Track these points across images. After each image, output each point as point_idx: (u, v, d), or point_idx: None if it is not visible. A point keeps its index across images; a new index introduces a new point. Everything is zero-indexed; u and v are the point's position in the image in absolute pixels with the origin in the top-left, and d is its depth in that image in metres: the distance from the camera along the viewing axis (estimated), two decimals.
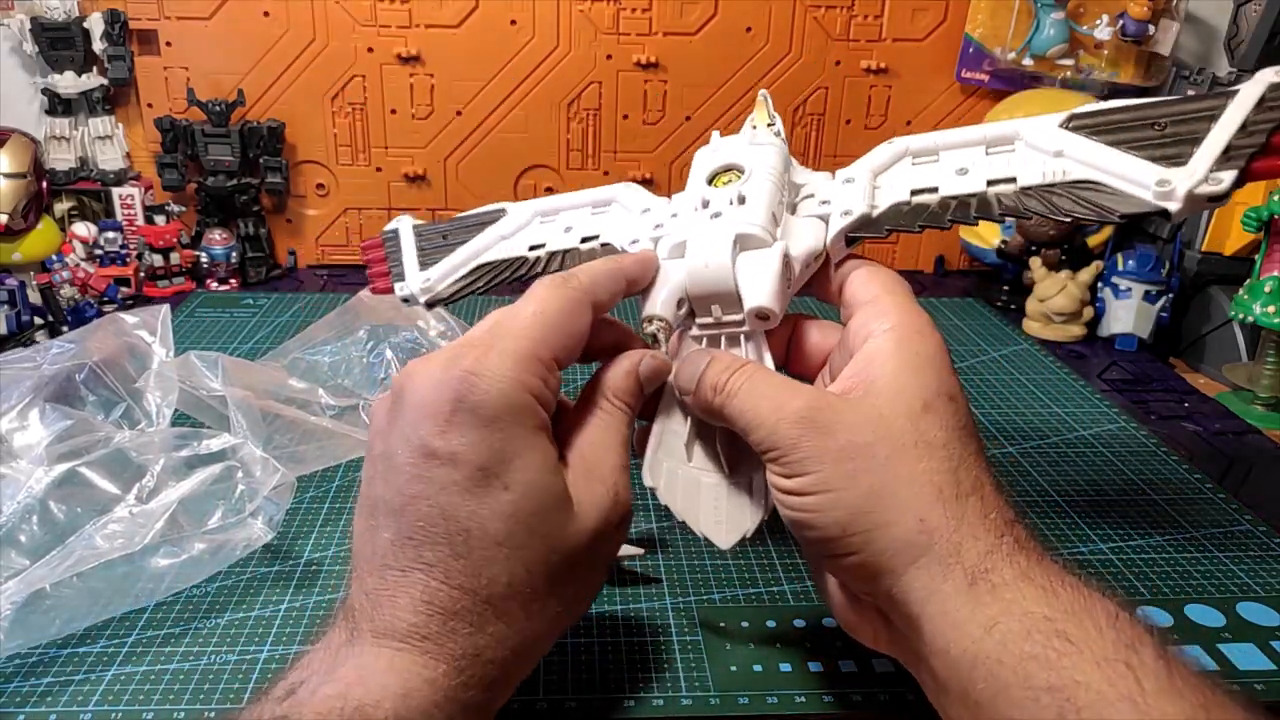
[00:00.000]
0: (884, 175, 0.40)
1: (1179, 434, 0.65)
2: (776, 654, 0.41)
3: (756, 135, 0.43)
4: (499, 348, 0.32)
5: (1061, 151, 0.37)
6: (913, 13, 0.91)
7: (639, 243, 0.42)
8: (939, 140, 0.40)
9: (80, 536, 0.43)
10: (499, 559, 0.31)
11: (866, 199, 0.39)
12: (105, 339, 0.57)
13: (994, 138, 0.39)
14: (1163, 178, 0.34)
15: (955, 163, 0.39)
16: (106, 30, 0.88)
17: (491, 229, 0.47)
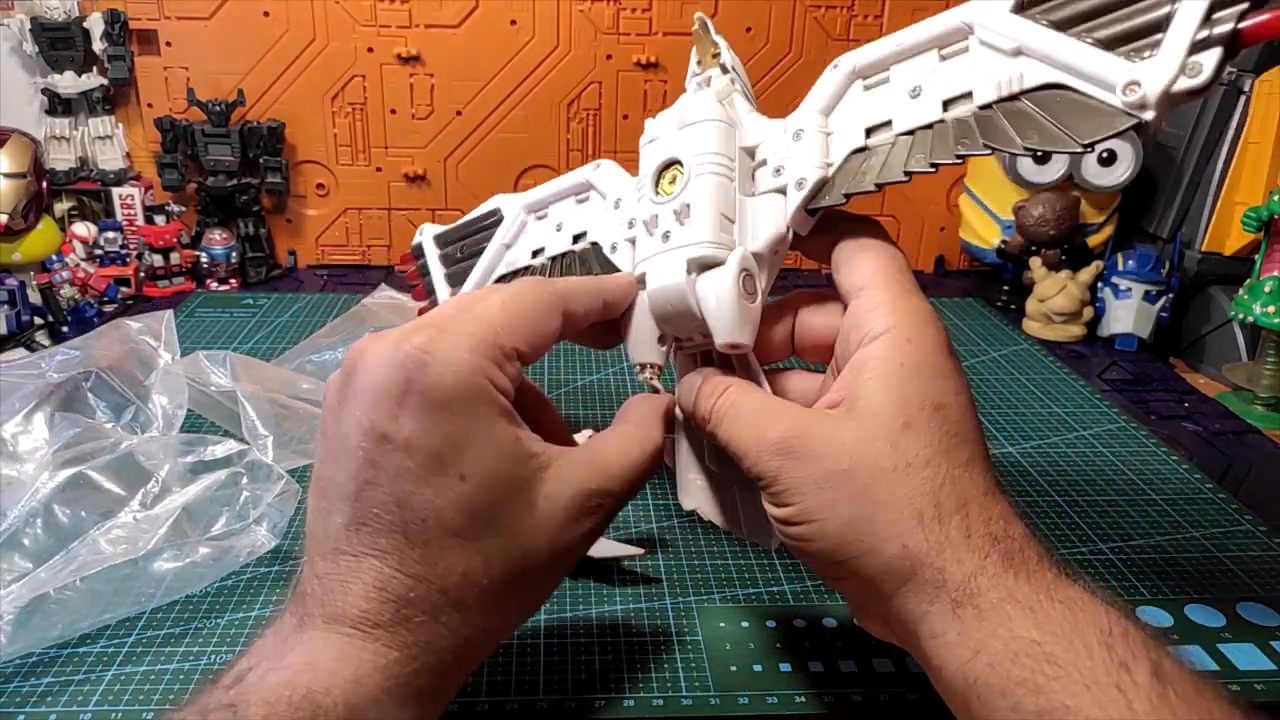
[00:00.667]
0: (834, 114, 0.36)
1: (1179, 434, 0.65)
2: (776, 654, 0.41)
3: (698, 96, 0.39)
4: (456, 330, 0.31)
5: (1019, 48, 0.32)
6: (913, 12, 0.91)
7: (616, 249, 0.41)
8: (887, 50, 0.35)
9: (84, 541, 0.43)
10: (455, 549, 0.30)
11: (819, 158, 0.35)
12: (110, 345, 0.58)
13: (944, 33, 0.34)
14: (1131, 79, 0.29)
15: (908, 80, 0.34)
16: (106, 30, 0.88)
17: (495, 238, 0.47)
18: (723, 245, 0.35)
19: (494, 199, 0.48)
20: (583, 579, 0.46)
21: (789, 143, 0.36)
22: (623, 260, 0.40)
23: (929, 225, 0.99)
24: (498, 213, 0.47)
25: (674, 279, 0.35)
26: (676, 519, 0.51)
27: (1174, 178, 0.85)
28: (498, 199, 0.48)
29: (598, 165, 0.43)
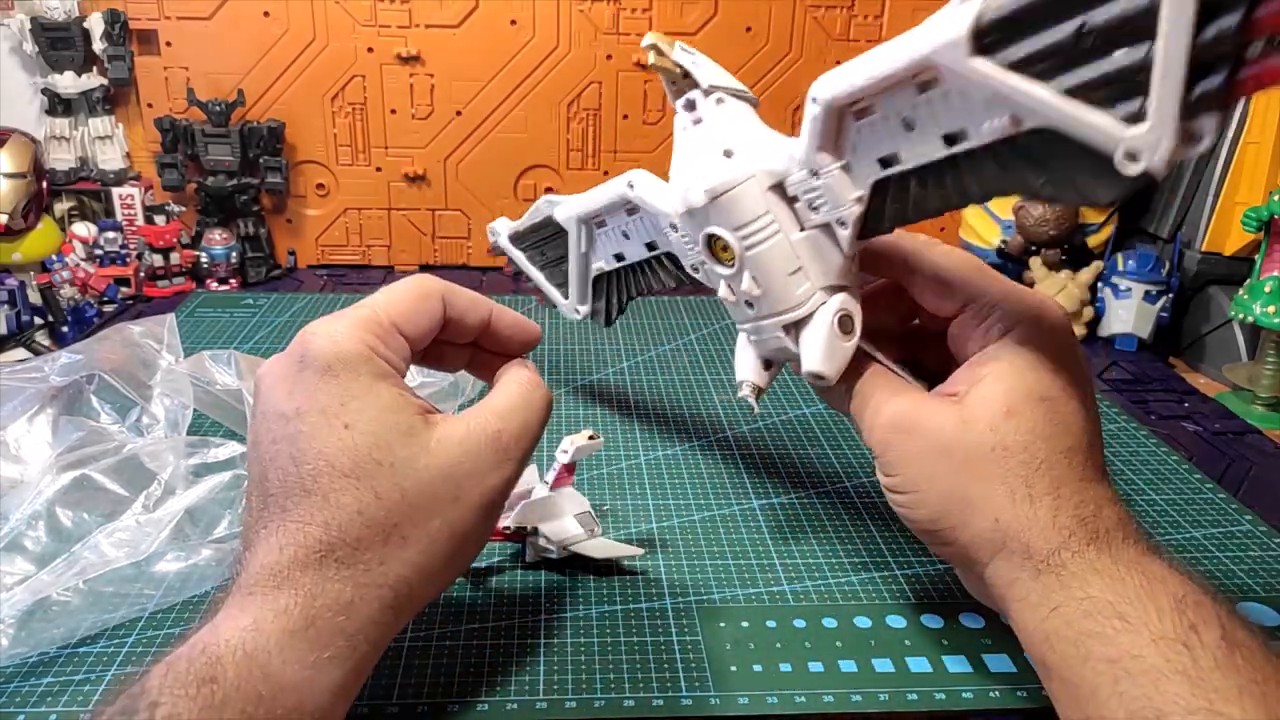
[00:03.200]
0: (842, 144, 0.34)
1: (1179, 434, 0.65)
2: (776, 654, 0.41)
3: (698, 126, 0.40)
4: (339, 314, 0.34)
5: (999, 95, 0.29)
6: (913, 12, 0.91)
7: (700, 270, 0.43)
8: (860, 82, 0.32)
9: (87, 543, 0.43)
10: (348, 489, 0.31)
11: (848, 194, 0.35)
12: (112, 348, 0.58)
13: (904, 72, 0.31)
14: (1129, 149, 0.27)
15: (895, 112, 0.32)
16: (106, 30, 0.88)
17: (571, 249, 0.53)
18: (802, 298, 0.38)
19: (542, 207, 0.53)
20: (583, 579, 0.46)
21: (810, 180, 0.36)
22: (707, 279, 0.42)
23: (929, 225, 1.00)
24: (553, 221, 0.53)
25: (779, 346, 0.39)
26: (676, 519, 0.51)
27: (1174, 178, 0.85)
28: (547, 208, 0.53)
29: (630, 184, 0.45)
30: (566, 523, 0.46)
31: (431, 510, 0.32)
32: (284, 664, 0.29)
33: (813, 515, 0.52)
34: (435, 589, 0.35)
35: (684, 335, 0.79)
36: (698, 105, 0.40)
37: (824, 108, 0.33)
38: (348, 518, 0.31)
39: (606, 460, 0.58)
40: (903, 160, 0.33)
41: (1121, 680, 0.29)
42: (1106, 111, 0.27)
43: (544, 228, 0.52)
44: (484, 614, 0.43)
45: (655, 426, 0.62)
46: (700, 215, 0.39)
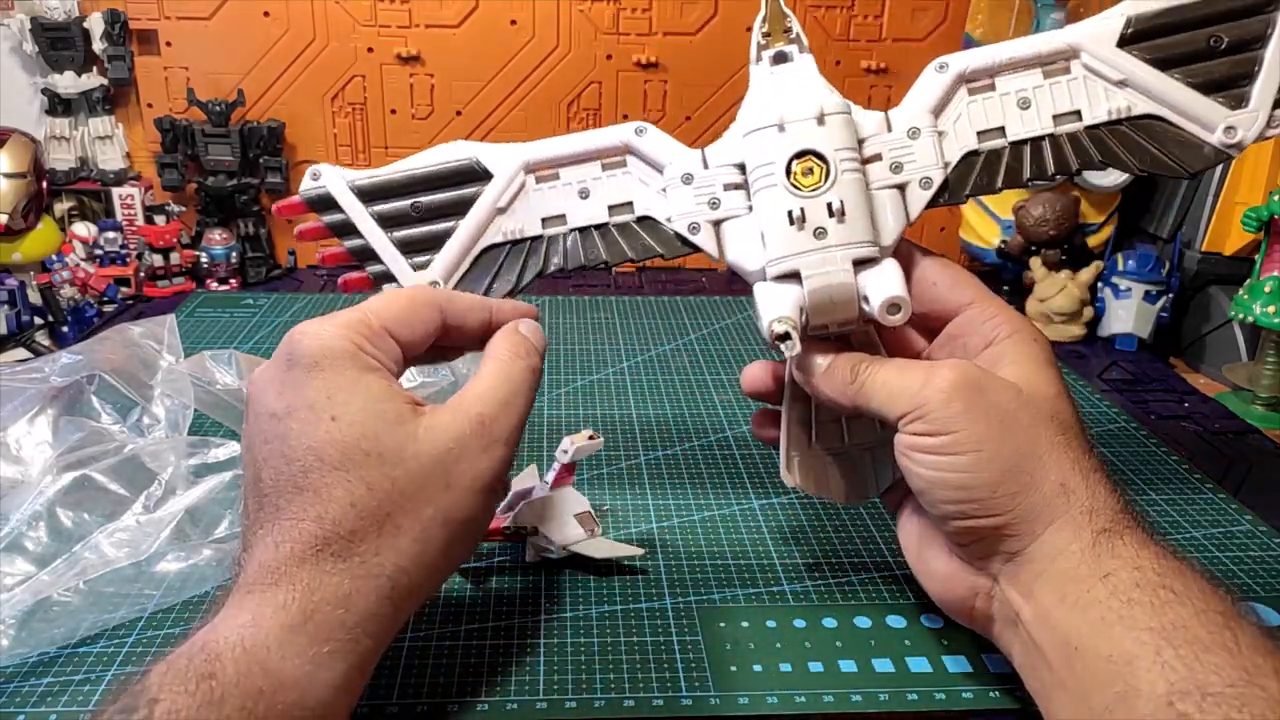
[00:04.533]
0: (944, 115, 0.39)
1: (1179, 434, 0.65)
2: (776, 654, 0.41)
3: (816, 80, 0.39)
4: (328, 316, 0.35)
5: (1125, 80, 0.38)
6: (913, 13, 0.91)
7: (699, 231, 0.40)
8: (992, 58, 0.38)
9: (87, 544, 0.43)
10: (339, 482, 0.31)
11: (939, 158, 0.38)
12: (113, 349, 0.58)
13: (1049, 53, 0.38)
14: (1230, 124, 0.37)
15: (1014, 91, 0.38)
16: (106, 30, 0.88)
17: (483, 199, 0.41)
18: (873, 239, 0.38)
19: (461, 146, 0.42)
20: (583, 579, 0.46)
21: (904, 139, 0.38)
22: (707, 241, 0.40)
23: (929, 225, 1.00)
24: (475, 167, 0.42)
25: (844, 279, 0.38)
26: (676, 519, 0.52)
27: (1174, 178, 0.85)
28: (470, 147, 0.42)
29: (641, 130, 0.41)
30: (566, 523, 0.46)
31: (424, 498, 0.32)
32: (283, 659, 0.29)
33: (812, 515, 0.52)
34: (434, 580, 0.35)
35: (684, 335, 0.79)
36: (793, 58, 0.40)
37: (953, 75, 0.38)
38: (341, 511, 0.31)
39: (606, 460, 0.58)
40: (1009, 133, 0.38)
41: (1164, 650, 0.29)
42: (1213, 98, 0.38)
43: (443, 176, 0.41)
44: (484, 614, 0.43)
45: (655, 426, 0.62)
46: (799, 132, 0.38)
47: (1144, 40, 0.38)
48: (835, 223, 0.37)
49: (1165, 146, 0.38)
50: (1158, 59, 0.38)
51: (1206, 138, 0.38)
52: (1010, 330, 0.37)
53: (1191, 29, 0.38)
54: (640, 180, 0.41)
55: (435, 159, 0.42)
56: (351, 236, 0.43)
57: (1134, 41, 0.38)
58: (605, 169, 0.41)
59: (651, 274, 0.94)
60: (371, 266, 0.43)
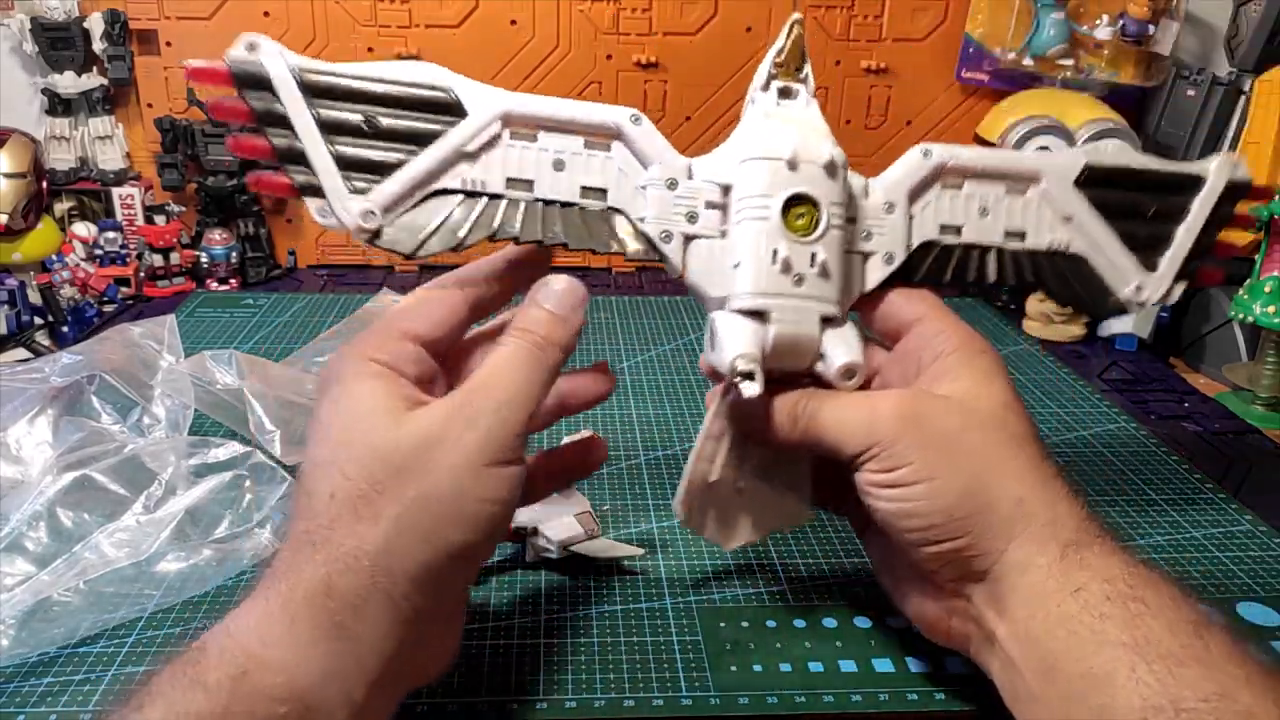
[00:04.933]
0: (918, 200, 0.40)
1: (1179, 434, 0.65)
2: (776, 654, 0.41)
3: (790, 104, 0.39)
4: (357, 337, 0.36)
5: (1071, 218, 0.41)
6: (913, 13, 0.91)
7: (670, 239, 0.38)
8: (971, 162, 0.40)
9: (87, 544, 0.43)
10: (324, 477, 0.32)
11: (905, 237, 0.40)
12: (113, 349, 0.58)
13: (1016, 173, 0.41)
14: (1140, 283, 0.42)
15: (979, 196, 0.41)
16: (106, 30, 0.88)
17: (448, 138, 0.37)
18: (842, 299, 0.38)
19: (438, 71, 0.38)
20: (583, 579, 0.46)
21: (880, 211, 0.39)
22: (674, 252, 0.38)
23: None
24: (448, 98, 0.37)
25: (811, 331, 0.37)
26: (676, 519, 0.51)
27: None
28: (448, 77, 0.38)
29: (637, 119, 0.38)
30: (566, 523, 0.46)
31: (404, 481, 0.32)
32: (265, 645, 0.29)
33: None
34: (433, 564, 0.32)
35: (684, 335, 0.79)
36: (798, 96, 0.40)
37: (934, 164, 0.40)
38: (322, 503, 0.32)
39: (606, 460, 0.57)
40: (964, 234, 0.41)
41: (1138, 666, 0.29)
42: (1133, 255, 0.42)
43: (409, 93, 0.37)
44: (484, 614, 0.43)
45: (655, 426, 0.62)
46: (804, 173, 0.37)
47: (1093, 186, 0.41)
48: (815, 275, 0.37)
49: (1085, 287, 0.42)
50: (1101, 206, 0.41)
51: (1119, 289, 0.42)
52: (956, 344, 0.37)
53: (1132, 190, 0.42)
54: (620, 169, 0.38)
55: (406, 76, 0.37)
56: (280, 131, 0.36)
57: (1086, 185, 0.41)
58: (588, 146, 0.38)
59: (652, 274, 0.94)
60: (297, 173, 0.36)
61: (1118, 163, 0.42)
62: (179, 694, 0.28)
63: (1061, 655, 0.31)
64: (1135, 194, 0.42)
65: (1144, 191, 0.42)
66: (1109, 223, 0.42)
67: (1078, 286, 0.42)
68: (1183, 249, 0.43)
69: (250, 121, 0.36)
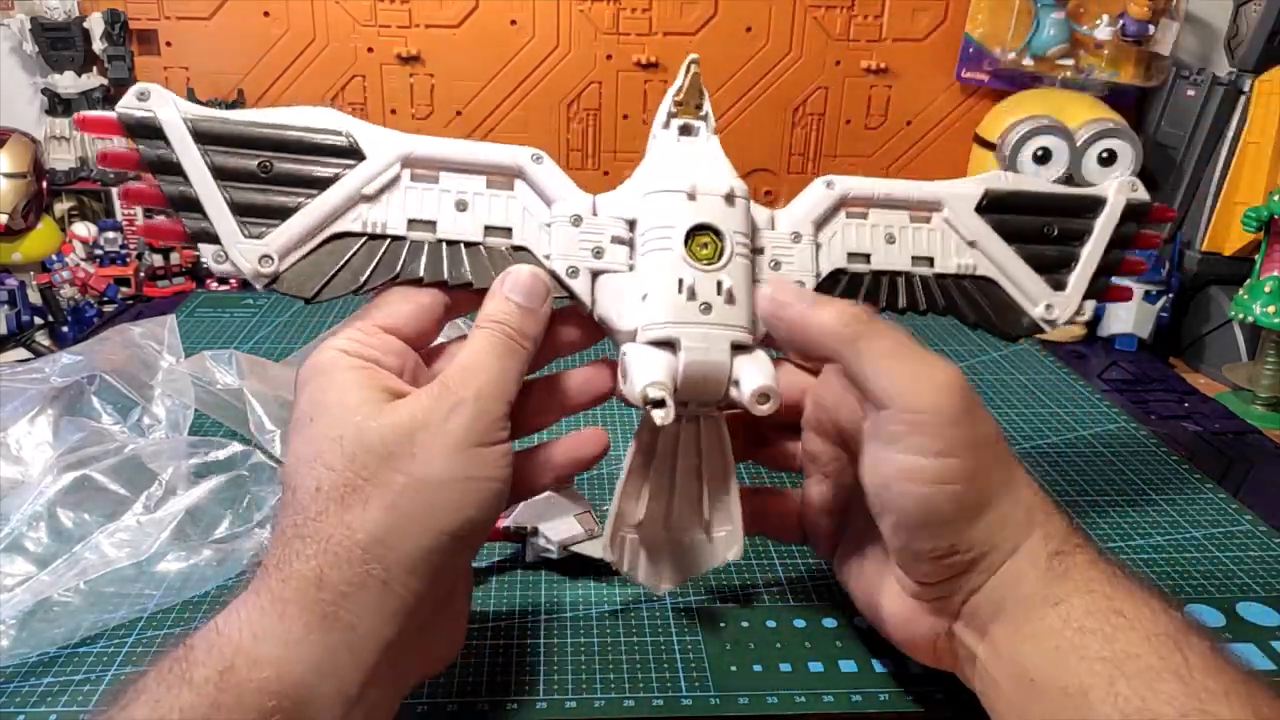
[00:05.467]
0: (823, 230, 0.41)
1: (1179, 434, 0.65)
2: (777, 654, 0.41)
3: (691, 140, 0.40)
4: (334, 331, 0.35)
5: (975, 243, 0.42)
6: (913, 13, 0.91)
7: (578, 275, 0.38)
8: (871, 191, 0.42)
9: (87, 544, 0.43)
10: (309, 472, 0.32)
11: (813, 266, 0.40)
12: (113, 349, 0.58)
13: (918, 200, 0.42)
14: (1050, 302, 0.43)
15: (884, 225, 0.42)
16: (106, 30, 0.88)
17: (348, 180, 0.37)
18: (751, 328, 0.38)
19: (333, 116, 0.37)
20: (583, 579, 0.46)
21: (786, 241, 0.40)
22: (582, 288, 0.38)
23: None
24: (346, 142, 0.37)
25: (721, 359, 0.37)
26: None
27: (1174, 178, 0.85)
28: (344, 121, 0.37)
29: (538, 158, 0.39)
30: (566, 523, 0.46)
31: (387, 467, 0.32)
32: (255, 640, 0.29)
33: None
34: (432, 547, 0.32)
35: None
36: (699, 133, 0.40)
37: (837, 195, 0.41)
38: (308, 497, 0.31)
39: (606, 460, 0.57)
40: (873, 261, 0.41)
41: (1117, 681, 0.29)
42: (1040, 276, 0.43)
43: (305, 138, 0.37)
44: (484, 614, 0.43)
45: None
46: (704, 205, 0.38)
47: (995, 212, 0.43)
48: (723, 302, 0.37)
49: (995, 308, 0.43)
50: (1004, 230, 0.43)
51: (1029, 309, 0.43)
52: None
53: (1032, 213, 0.44)
54: (524, 209, 0.38)
55: (302, 121, 0.37)
56: (172, 179, 0.36)
57: (988, 210, 0.43)
58: (490, 186, 0.38)
59: None
60: (190, 219, 0.36)
61: (1017, 188, 0.43)
62: (165, 691, 0.27)
63: (1042, 670, 0.31)
64: (1036, 217, 0.44)
65: (1045, 214, 0.44)
66: (1014, 245, 0.43)
67: (988, 309, 0.43)
68: (1089, 268, 0.44)
69: (140, 169, 0.36)
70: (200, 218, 0.36)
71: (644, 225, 0.38)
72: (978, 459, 0.33)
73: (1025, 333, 0.44)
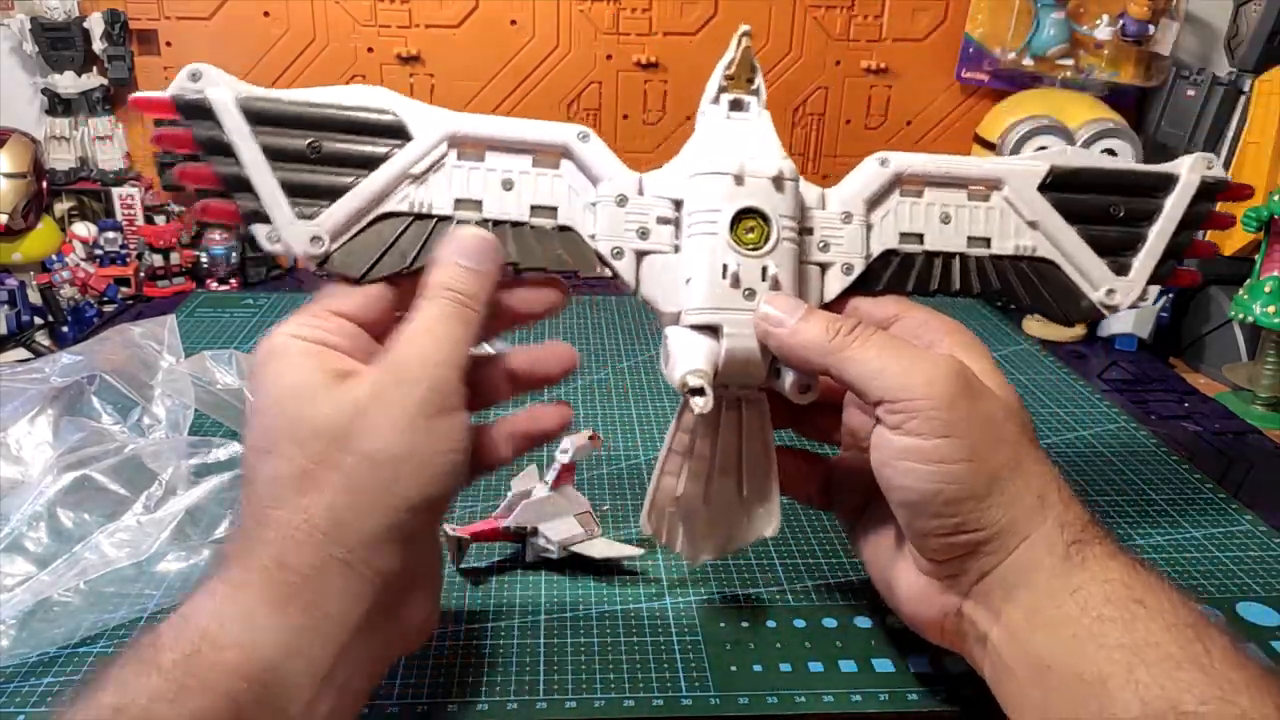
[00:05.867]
0: (876, 209, 0.40)
1: (1179, 434, 0.65)
2: (776, 654, 0.41)
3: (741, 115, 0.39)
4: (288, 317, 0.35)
5: (1037, 224, 0.41)
6: (913, 13, 0.91)
7: (622, 255, 0.38)
8: (929, 168, 0.40)
9: (88, 544, 0.43)
10: (264, 461, 0.32)
11: (864, 248, 0.39)
12: (113, 349, 0.58)
13: (978, 178, 0.40)
14: (1111, 287, 0.42)
15: (939, 204, 0.40)
16: (106, 30, 0.88)
17: (395, 161, 0.37)
18: None
19: (382, 94, 0.38)
20: (583, 579, 0.46)
21: (836, 221, 0.39)
22: (627, 269, 0.38)
23: None
24: (394, 123, 0.38)
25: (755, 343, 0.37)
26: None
27: None
28: (392, 99, 0.38)
29: (584, 136, 0.38)
30: (566, 523, 0.46)
31: (340, 449, 0.31)
32: (220, 626, 0.29)
33: (813, 515, 0.52)
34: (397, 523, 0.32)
35: None
36: (749, 109, 0.40)
37: (891, 173, 0.40)
38: (265, 487, 0.31)
39: (606, 460, 0.58)
40: (926, 242, 0.40)
41: (1136, 669, 0.29)
42: (1102, 260, 0.42)
43: (354, 118, 0.37)
44: (484, 614, 0.43)
45: (655, 426, 0.62)
46: (751, 187, 0.37)
47: (1059, 190, 0.41)
48: (767, 288, 0.37)
49: (1053, 291, 0.41)
50: (1067, 210, 0.41)
51: (1090, 293, 0.42)
52: (945, 332, 0.37)
53: (1099, 192, 0.42)
54: (570, 188, 0.38)
55: (350, 100, 0.37)
56: (225, 160, 0.36)
57: (1051, 189, 0.41)
58: (536, 165, 0.38)
59: None
60: (243, 200, 0.36)
61: (1085, 164, 0.42)
62: (133, 676, 0.28)
63: (1059, 656, 0.31)
64: (1103, 196, 0.42)
65: (1112, 193, 0.42)
66: (1077, 226, 0.41)
67: (1046, 292, 0.41)
68: (1156, 250, 0.42)
69: (194, 150, 0.36)
70: (252, 198, 0.36)
71: (690, 207, 0.38)
72: (978, 440, 0.33)
73: (1084, 317, 0.42)
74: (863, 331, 0.35)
